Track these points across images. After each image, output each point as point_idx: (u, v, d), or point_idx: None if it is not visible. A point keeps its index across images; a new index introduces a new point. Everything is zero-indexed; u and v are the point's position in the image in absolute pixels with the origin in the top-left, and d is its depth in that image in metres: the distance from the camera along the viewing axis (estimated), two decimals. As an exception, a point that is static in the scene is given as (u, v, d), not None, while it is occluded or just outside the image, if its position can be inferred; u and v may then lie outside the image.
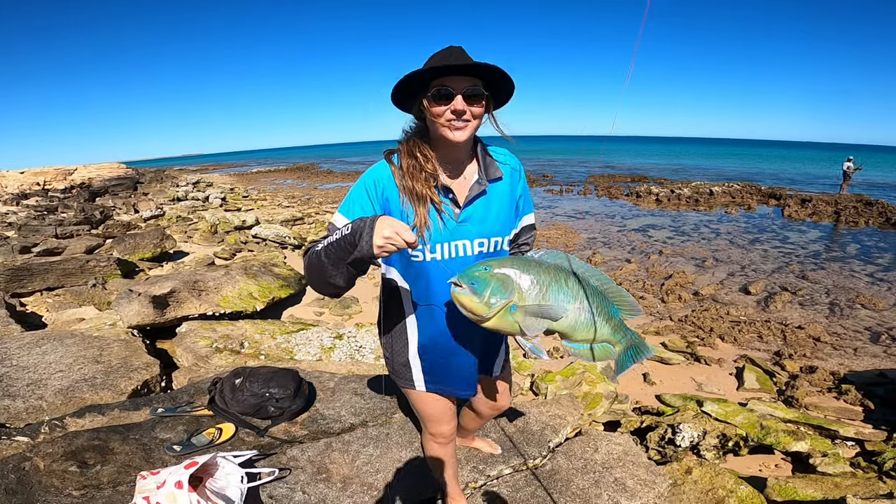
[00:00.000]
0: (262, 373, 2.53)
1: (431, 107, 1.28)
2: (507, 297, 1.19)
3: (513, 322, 1.22)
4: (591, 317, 1.26)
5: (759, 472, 3.49)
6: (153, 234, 8.81)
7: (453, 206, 1.39)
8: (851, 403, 4.57)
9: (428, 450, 1.84)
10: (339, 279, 1.24)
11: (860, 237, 11.72)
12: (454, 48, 1.30)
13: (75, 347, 3.44)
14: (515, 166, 1.52)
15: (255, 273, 6.26)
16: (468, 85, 1.26)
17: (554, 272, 1.25)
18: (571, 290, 1.24)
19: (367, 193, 1.37)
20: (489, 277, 1.19)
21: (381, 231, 1.14)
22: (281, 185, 27.53)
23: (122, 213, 15.38)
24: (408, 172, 1.35)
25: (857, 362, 5.47)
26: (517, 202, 1.53)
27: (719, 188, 18.03)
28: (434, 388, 1.59)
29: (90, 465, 1.98)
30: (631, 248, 10.67)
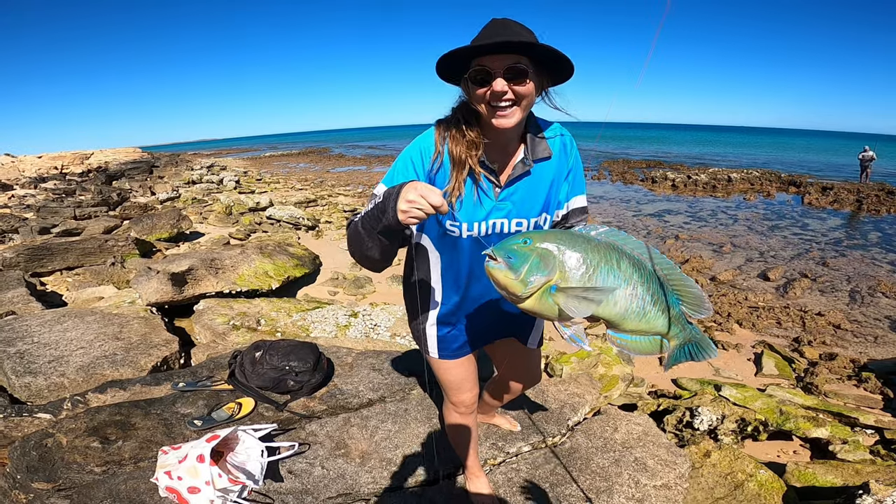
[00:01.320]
0: (282, 346, 2.53)
1: (471, 90, 1.20)
2: (546, 276, 1.05)
3: (552, 305, 1.07)
4: (643, 305, 1.10)
5: (778, 458, 3.47)
6: (170, 214, 8.88)
7: (494, 183, 1.31)
8: (871, 391, 4.52)
9: (448, 419, 1.81)
10: (374, 251, 1.20)
11: (882, 225, 11.47)
12: (496, 22, 1.18)
13: (96, 325, 3.47)
14: (567, 144, 1.41)
15: (270, 252, 6.29)
16: (509, 63, 1.14)
17: (604, 251, 1.09)
18: (624, 272, 1.08)
19: (412, 164, 1.31)
20: (529, 252, 1.06)
21: (406, 195, 1.07)
22: (294, 169, 27.61)
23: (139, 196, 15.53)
24: (451, 136, 1.28)
25: (878, 350, 5.39)
26: (566, 182, 1.42)
27: (737, 175, 17.73)
28: (450, 356, 1.58)
29: (112, 441, 1.99)
30: (647, 232, 10.55)
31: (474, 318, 1.53)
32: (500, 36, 1.13)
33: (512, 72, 1.14)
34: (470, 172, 1.29)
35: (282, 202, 13.18)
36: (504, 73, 1.14)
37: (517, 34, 1.15)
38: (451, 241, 1.38)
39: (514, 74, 1.14)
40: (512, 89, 1.16)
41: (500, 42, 1.11)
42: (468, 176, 1.30)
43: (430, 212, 1.07)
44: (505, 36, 1.13)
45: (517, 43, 1.11)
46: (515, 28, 1.16)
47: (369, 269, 1.27)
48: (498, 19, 1.19)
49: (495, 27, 1.16)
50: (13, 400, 2.66)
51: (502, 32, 1.15)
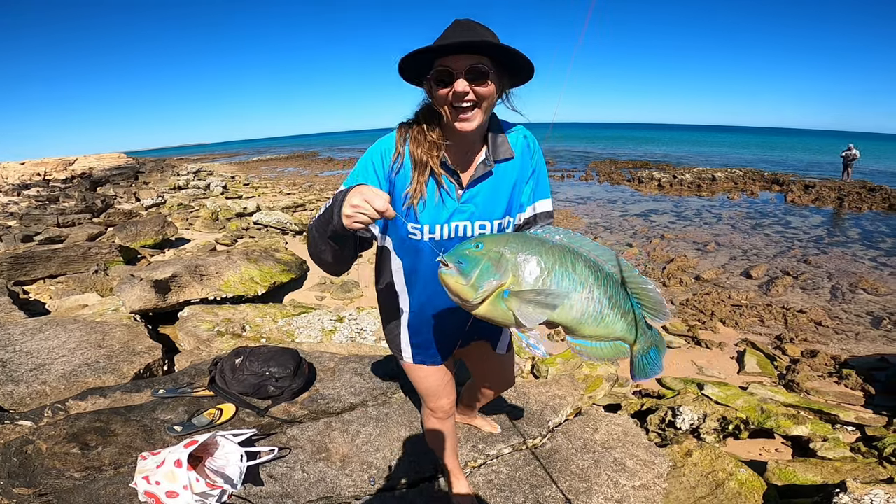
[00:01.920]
0: (262, 352, 2.54)
1: (434, 90, 1.19)
2: (498, 280, 1.02)
3: (506, 310, 1.03)
4: (600, 309, 1.07)
5: (760, 456, 3.50)
6: (154, 221, 8.82)
7: (457, 185, 1.30)
8: (852, 388, 4.58)
9: (427, 425, 1.82)
10: (327, 254, 1.19)
11: (862, 222, 11.66)
12: (460, 23, 1.18)
13: (78, 333, 3.46)
14: (531, 145, 1.40)
15: (256, 258, 6.27)
16: (471, 63, 1.13)
17: (559, 253, 1.06)
18: (580, 275, 1.05)
19: (372, 166, 1.30)
20: (480, 256, 1.03)
21: (351, 199, 1.04)
22: (282, 173, 27.50)
23: (124, 202, 15.38)
24: (412, 138, 1.27)
25: (859, 347, 5.47)
26: (528, 183, 1.40)
27: (722, 174, 17.95)
28: (422, 361, 1.58)
29: (92, 447, 2.00)
30: (633, 232, 10.65)
31: (445, 323, 1.50)
32: (461, 37, 1.13)
33: (473, 72, 1.14)
34: (431, 174, 1.28)
35: (269, 207, 13.13)
36: (466, 74, 1.14)
37: (478, 34, 1.15)
38: (412, 244, 1.35)
39: (475, 75, 1.14)
40: (473, 90, 1.15)
41: (460, 42, 1.11)
42: (430, 178, 1.28)
43: (374, 216, 1.05)
44: (466, 36, 1.13)
45: (478, 43, 1.12)
46: (478, 29, 1.17)
47: (327, 272, 1.27)
48: (461, 20, 1.18)
49: (458, 28, 1.16)
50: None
51: (464, 33, 1.15)
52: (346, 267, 1.28)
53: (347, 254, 1.23)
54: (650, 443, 2.56)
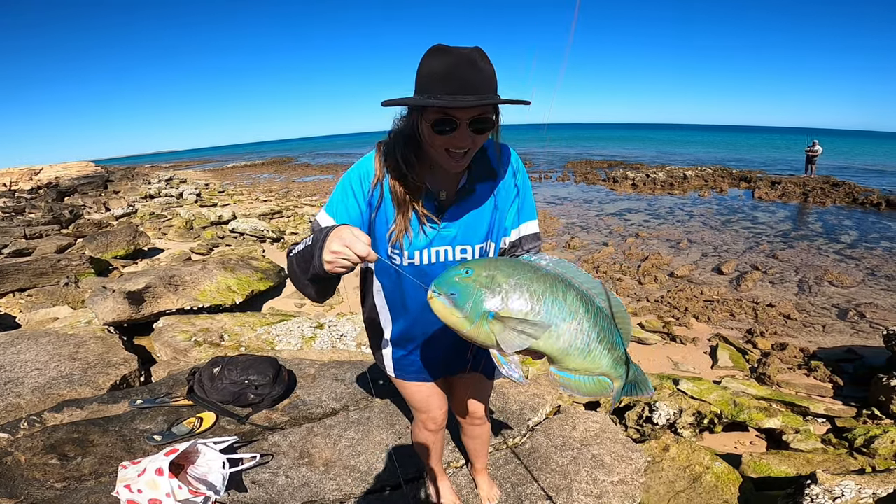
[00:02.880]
0: (241, 361, 2.54)
1: (429, 134, 1.12)
2: (491, 308, 0.99)
3: (488, 332, 0.99)
4: (588, 342, 1.03)
5: (735, 450, 3.59)
6: (126, 231, 8.65)
7: (436, 210, 1.26)
8: (821, 380, 4.72)
9: (416, 435, 1.81)
10: (310, 290, 1.15)
11: (826, 216, 12.09)
12: (462, 59, 1.05)
13: (50, 346, 3.40)
14: (514, 166, 1.34)
15: (233, 267, 6.20)
16: (476, 115, 1.08)
17: (551, 281, 1.02)
18: (570, 306, 1.01)
19: (352, 191, 1.25)
20: (471, 283, 0.99)
21: (331, 245, 1.01)
22: (258, 180, 27.17)
23: (93, 212, 15.02)
24: (392, 176, 1.22)
25: (826, 339, 5.64)
26: (513, 205, 1.35)
27: (692, 172, 18.40)
28: (405, 378, 1.57)
29: (71, 458, 1.99)
30: (608, 231, 10.83)
31: (430, 343, 1.47)
32: (473, 86, 1.06)
33: (478, 123, 1.10)
34: (413, 209, 1.25)
35: (245, 214, 12.97)
36: (470, 125, 1.09)
37: (488, 84, 1.08)
38: (395, 269, 1.31)
39: (479, 126, 1.10)
40: (473, 139, 1.12)
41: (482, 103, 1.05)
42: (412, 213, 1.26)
43: (356, 261, 1.02)
44: (481, 92, 1.06)
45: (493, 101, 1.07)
46: (484, 71, 1.08)
47: (313, 301, 1.23)
48: (463, 55, 1.06)
49: (463, 69, 1.05)
50: (-32, 421, 2.59)
51: (474, 82, 1.06)
52: (330, 296, 1.23)
53: (333, 286, 1.19)
54: (627, 438, 2.61)
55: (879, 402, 4.09)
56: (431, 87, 1.07)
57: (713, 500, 2.61)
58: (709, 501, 2.61)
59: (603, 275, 7.86)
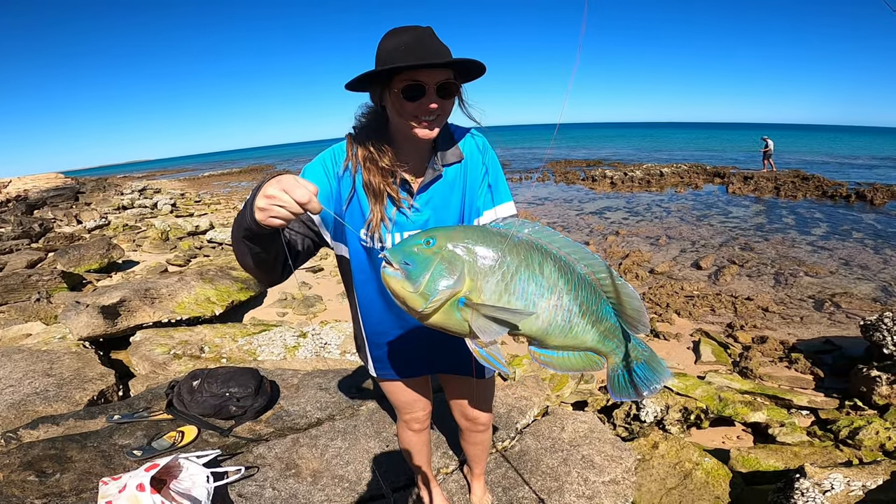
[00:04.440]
0: (221, 373, 2.48)
1: (397, 103, 1.14)
2: (452, 287, 0.87)
3: (461, 320, 0.90)
4: (569, 317, 0.94)
5: (723, 444, 3.63)
6: (98, 244, 8.44)
7: (408, 195, 1.26)
8: (802, 372, 4.79)
9: (401, 437, 1.80)
10: (247, 258, 1.08)
11: (798, 209, 12.40)
12: (420, 32, 1.13)
13: (24, 362, 3.34)
14: (480, 146, 1.35)
15: (211, 277, 6.08)
16: (442, 79, 1.12)
17: (525, 252, 0.92)
18: (548, 279, 0.92)
19: (323, 168, 1.24)
20: (431, 256, 0.88)
21: (266, 190, 0.89)
22: (235, 188, 26.81)
23: (64, 225, 14.63)
24: (364, 165, 1.22)
25: (805, 330, 5.75)
26: (482, 185, 1.35)
27: (669, 169, 18.71)
28: (385, 376, 1.54)
29: (49, 475, 1.93)
30: (589, 230, 10.94)
31: (407, 337, 1.43)
32: (440, 54, 1.12)
33: (443, 89, 1.13)
34: (388, 195, 1.24)
35: (223, 224, 12.77)
36: (437, 90, 1.12)
37: (448, 53, 1.15)
38: (366, 254, 1.29)
39: (445, 91, 1.14)
40: (440, 104, 1.15)
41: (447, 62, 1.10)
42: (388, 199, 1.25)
43: (295, 209, 0.89)
44: (444, 54, 1.13)
45: (454, 61, 1.11)
46: (442, 43, 1.16)
47: (257, 280, 1.17)
48: (421, 28, 1.14)
49: (422, 40, 1.12)
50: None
51: (436, 49, 1.13)
52: (273, 274, 1.17)
53: (270, 257, 1.11)
54: (616, 438, 2.61)
55: (861, 393, 4.17)
56: (397, 58, 1.09)
57: (704, 495, 2.63)
58: (700, 497, 2.63)
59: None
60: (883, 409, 3.91)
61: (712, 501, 2.62)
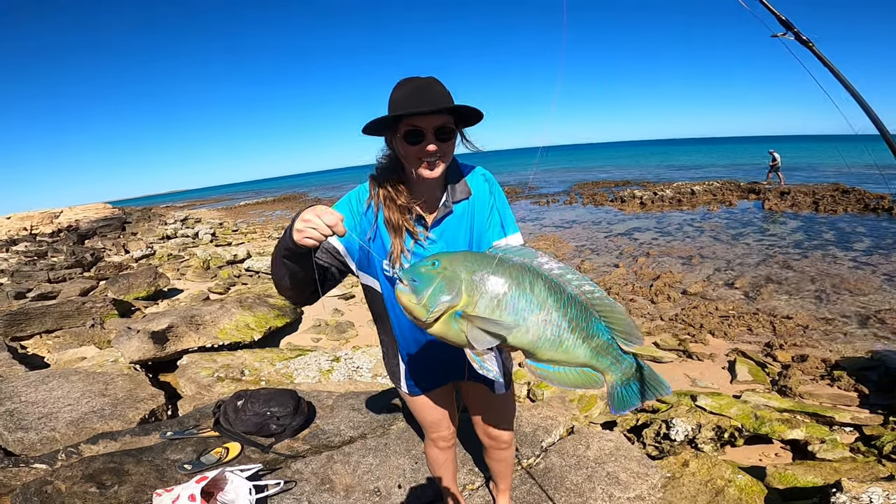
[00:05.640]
0: (263, 394, 2.65)
1: (402, 147, 1.29)
2: (450, 301, 1.00)
3: (458, 331, 1.01)
4: (559, 332, 1.02)
5: (759, 462, 3.56)
6: (146, 273, 8.90)
7: (423, 227, 1.41)
8: (845, 389, 4.64)
9: (429, 454, 1.91)
10: (285, 278, 1.26)
11: (839, 224, 11.96)
12: (421, 83, 1.29)
13: (81, 383, 3.55)
14: (488, 181, 1.49)
15: (250, 305, 6.36)
16: (439, 123, 1.27)
17: (517, 273, 1.03)
18: (537, 296, 1.01)
19: (349, 206, 1.43)
20: (434, 275, 1.02)
21: (303, 215, 1.11)
22: (270, 217, 27.63)
23: (113, 255, 15.41)
24: (384, 203, 1.38)
25: (848, 347, 5.54)
26: (491, 218, 1.47)
27: (700, 187, 18.35)
28: (419, 391, 1.67)
29: (108, 486, 2.09)
30: (619, 252, 10.84)
31: (438, 351, 1.54)
32: (432, 101, 1.26)
33: (441, 132, 1.28)
34: (406, 230, 1.40)
35: (259, 253, 13.24)
36: (435, 134, 1.27)
37: (446, 98, 1.30)
38: (392, 280, 1.43)
39: (442, 134, 1.29)
40: (439, 147, 1.29)
41: (439, 109, 1.24)
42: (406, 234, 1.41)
43: (325, 232, 1.09)
44: (437, 100, 1.27)
45: (448, 108, 1.26)
46: (439, 89, 1.30)
47: (291, 301, 1.37)
48: (422, 79, 1.30)
49: (422, 89, 1.27)
50: (7, 453, 2.77)
51: (430, 96, 1.27)
52: (304, 294, 1.36)
53: (305, 278, 1.28)
54: (642, 455, 2.62)
55: (907, 409, 4.03)
56: (400, 106, 1.27)
57: (737, 512, 2.61)
58: (733, 514, 2.60)
59: (616, 296, 7.84)
60: (931, 424, 3.77)
61: (746, 518, 2.59)
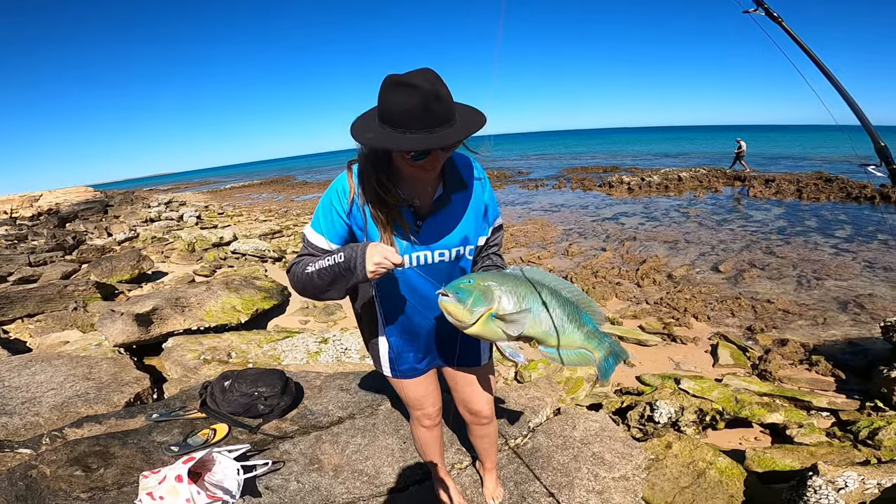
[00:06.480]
0: (250, 374, 2.64)
1: (407, 161, 1.27)
2: (487, 305, 1.30)
3: (494, 328, 1.33)
4: (562, 323, 1.38)
5: (740, 445, 3.62)
6: (129, 255, 8.76)
7: (415, 219, 1.42)
8: (823, 374, 4.74)
9: (415, 433, 1.93)
10: (335, 295, 1.38)
11: (821, 212, 12.16)
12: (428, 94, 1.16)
13: (64, 367, 3.50)
14: (480, 175, 1.53)
15: (236, 287, 6.31)
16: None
17: (527, 284, 1.37)
18: (545, 299, 1.36)
19: (333, 209, 1.42)
20: (472, 289, 1.31)
21: (372, 258, 1.26)
22: (256, 200, 27.35)
23: (95, 238, 15.16)
24: (370, 200, 1.38)
25: (827, 333, 5.65)
26: (484, 210, 1.55)
27: (687, 174, 18.51)
28: (403, 374, 1.70)
29: (94, 469, 2.08)
30: (606, 236, 10.91)
31: (421, 338, 1.63)
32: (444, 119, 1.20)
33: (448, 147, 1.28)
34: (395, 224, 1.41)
35: (246, 235, 13.10)
36: (442, 149, 1.25)
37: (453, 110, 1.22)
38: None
39: (448, 147, 1.27)
40: (443, 156, 1.31)
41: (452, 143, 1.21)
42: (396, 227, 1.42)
43: (392, 268, 1.29)
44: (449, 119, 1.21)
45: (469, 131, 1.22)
46: (448, 100, 1.21)
47: (323, 301, 1.44)
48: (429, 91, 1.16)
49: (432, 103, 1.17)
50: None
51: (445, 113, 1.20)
52: None
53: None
54: (627, 436, 2.68)
55: (882, 394, 4.11)
56: (407, 122, 1.19)
57: (718, 494, 2.67)
58: (714, 496, 2.66)
59: (602, 279, 7.92)
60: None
61: (726, 500, 2.66)
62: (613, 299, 7.08)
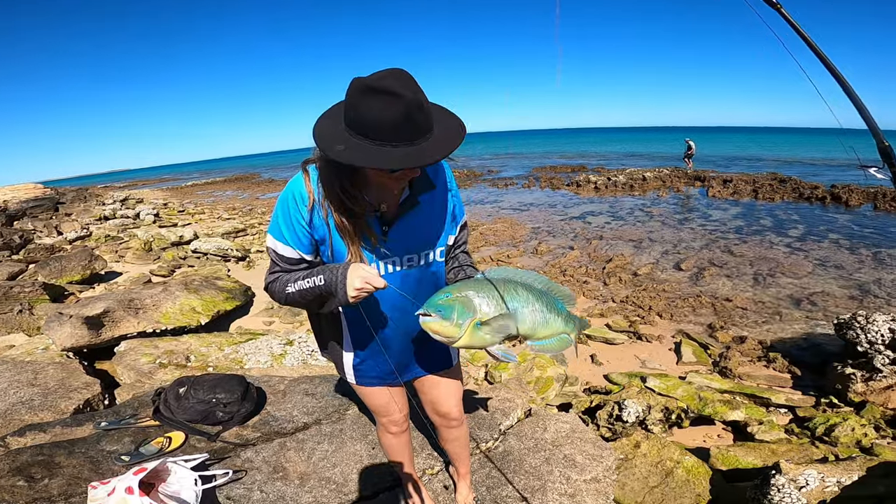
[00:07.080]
0: (207, 380, 2.52)
1: (381, 173, 1.18)
2: (471, 315, 1.29)
3: (482, 336, 1.31)
4: (545, 315, 1.39)
5: (704, 443, 3.69)
6: (80, 255, 8.35)
7: (381, 225, 1.34)
8: (780, 371, 4.87)
9: (382, 441, 1.87)
10: (324, 311, 1.38)
11: (776, 211, 12.65)
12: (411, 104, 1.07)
13: (7, 373, 3.32)
14: (447, 174, 1.48)
15: (196, 287, 6.07)
16: None
17: (504, 285, 1.36)
18: (522, 296, 1.36)
19: (293, 219, 1.31)
20: (452, 303, 1.28)
21: (353, 283, 1.22)
22: (220, 198, 26.57)
23: (45, 237, 14.42)
24: (335, 209, 1.28)
25: (783, 330, 5.83)
26: (452, 210, 1.49)
27: (651, 174, 18.95)
28: (368, 383, 1.62)
29: (38, 479, 1.95)
30: (573, 235, 11.05)
31: (387, 347, 1.54)
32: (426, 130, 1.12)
33: None
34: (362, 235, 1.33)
35: (208, 234, 12.69)
36: None
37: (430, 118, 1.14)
38: None
39: None
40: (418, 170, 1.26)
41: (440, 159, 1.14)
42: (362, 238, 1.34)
43: (372, 290, 1.24)
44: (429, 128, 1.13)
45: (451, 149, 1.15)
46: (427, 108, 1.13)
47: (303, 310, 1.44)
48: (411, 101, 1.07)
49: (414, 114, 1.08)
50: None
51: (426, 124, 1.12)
52: None
53: None
54: (597, 437, 2.66)
55: (836, 391, 4.24)
56: (385, 134, 1.08)
57: (686, 493, 2.70)
58: (682, 495, 2.69)
59: (570, 278, 8.00)
60: (859, 405, 4.00)
61: (693, 499, 2.69)
62: (581, 298, 7.15)
